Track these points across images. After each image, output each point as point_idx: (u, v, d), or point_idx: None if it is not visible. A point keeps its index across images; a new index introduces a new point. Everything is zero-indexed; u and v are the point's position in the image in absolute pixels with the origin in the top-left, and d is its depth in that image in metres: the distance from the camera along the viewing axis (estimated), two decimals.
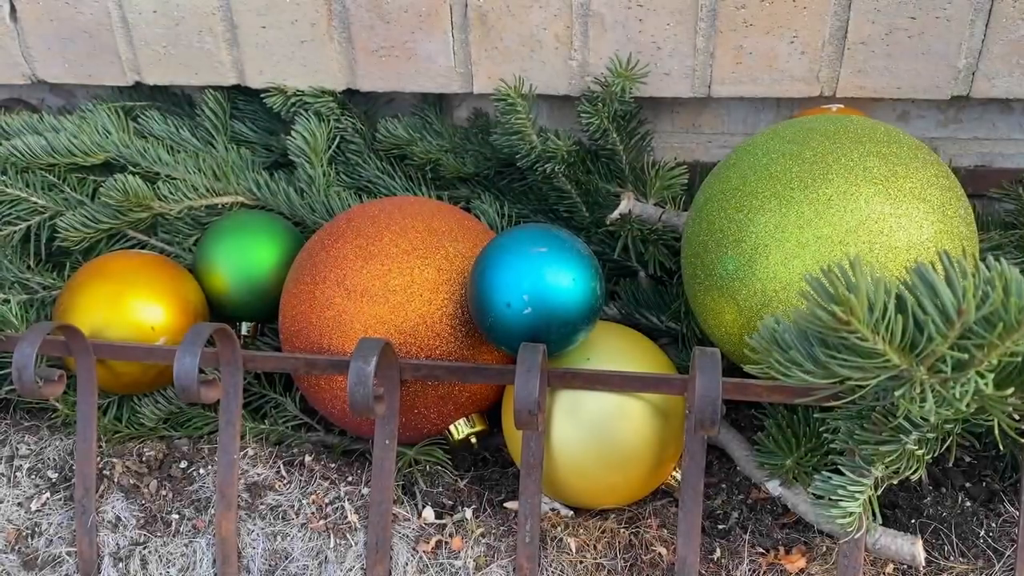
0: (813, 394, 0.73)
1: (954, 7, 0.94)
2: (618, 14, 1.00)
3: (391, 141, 1.10)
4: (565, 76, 1.05)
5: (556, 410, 0.80)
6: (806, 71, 1.01)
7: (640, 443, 0.80)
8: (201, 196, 1.05)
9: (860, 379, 0.52)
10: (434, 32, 1.04)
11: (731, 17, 0.98)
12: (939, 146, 1.09)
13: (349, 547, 0.81)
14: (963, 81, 0.99)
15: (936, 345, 0.49)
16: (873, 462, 0.67)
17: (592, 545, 0.80)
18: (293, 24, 1.06)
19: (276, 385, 0.98)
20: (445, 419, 0.86)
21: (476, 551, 0.80)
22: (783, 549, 0.79)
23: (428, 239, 0.83)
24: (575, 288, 0.74)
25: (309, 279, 0.83)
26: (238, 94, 1.16)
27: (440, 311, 0.81)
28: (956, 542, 0.78)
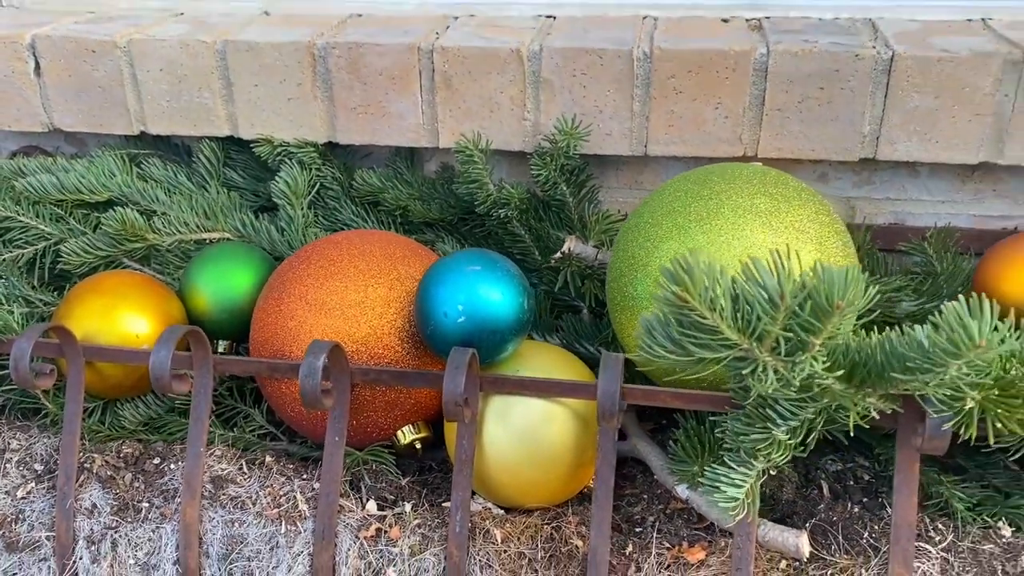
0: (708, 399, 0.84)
1: (857, 80, 1.08)
2: (565, 81, 1.14)
3: (366, 189, 1.23)
4: (520, 134, 1.18)
5: (488, 414, 0.90)
6: (730, 133, 1.14)
7: (563, 445, 0.89)
8: (192, 231, 1.18)
9: (711, 357, 0.63)
10: (405, 93, 1.18)
11: (663, 85, 1.12)
12: (856, 205, 1.21)
13: (298, 533, 0.90)
14: (869, 145, 1.11)
15: (766, 325, 0.60)
16: (753, 454, 0.77)
17: (516, 537, 0.89)
18: (282, 83, 1.21)
19: (247, 398, 1.08)
20: (392, 425, 0.96)
21: (412, 540, 0.89)
22: (687, 544, 0.88)
23: (383, 262, 0.94)
24: (504, 302, 0.85)
25: (276, 295, 0.95)
26: (231, 144, 1.30)
27: (390, 324, 0.92)
28: (842, 542, 0.87)
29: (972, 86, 1.06)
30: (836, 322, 0.61)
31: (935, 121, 1.08)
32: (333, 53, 1.17)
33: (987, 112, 1.07)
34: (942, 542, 0.84)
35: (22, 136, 1.39)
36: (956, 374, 0.65)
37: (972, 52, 1.05)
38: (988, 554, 0.83)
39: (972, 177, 1.17)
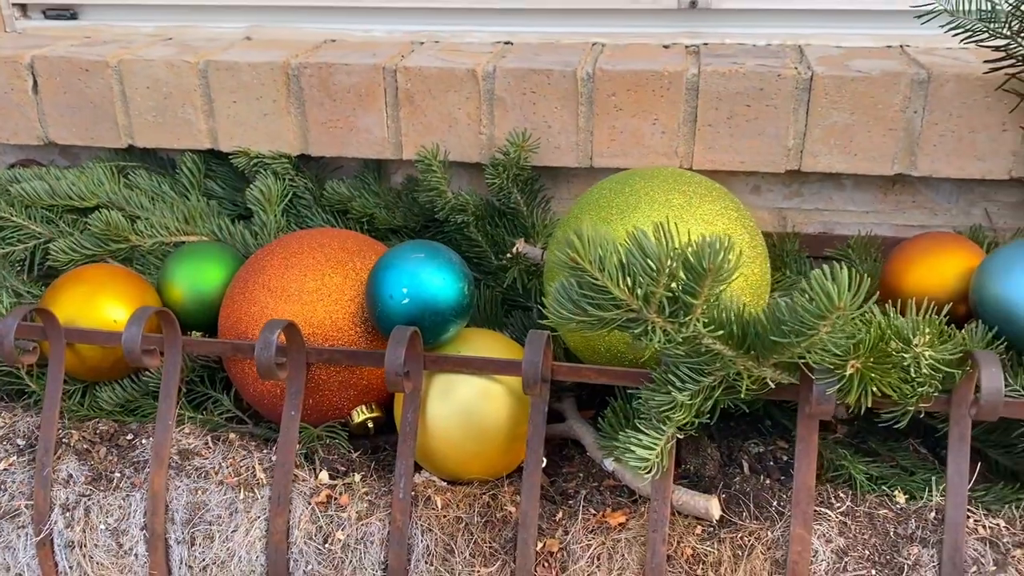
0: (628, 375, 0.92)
1: (780, 98, 1.18)
2: (517, 98, 1.25)
3: (335, 198, 1.33)
4: (476, 147, 1.29)
5: (432, 393, 0.98)
6: (667, 147, 1.24)
7: (500, 421, 0.98)
8: (171, 234, 1.28)
9: (607, 317, 0.72)
10: (371, 109, 1.29)
11: (604, 103, 1.22)
12: (787, 215, 1.31)
13: (256, 500, 0.98)
14: (794, 157, 1.21)
15: (649, 286, 0.69)
16: (661, 419, 0.86)
17: (455, 504, 0.97)
18: (258, 100, 1.31)
19: (216, 386, 1.16)
20: (347, 405, 1.04)
21: (360, 506, 0.97)
22: (610, 509, 0.95)
23: (340, 254, 1.04)
24: (445, 286, 0.95)
25: (242, 284, 1.04)
26: (212, 157, 1.40)
27: (344, 310, 1.01)
28: (753, 509, 0.95)
29: (884, 103, 1.16)
30: (711, 284, 0.70)
31: (852, 135, 1.18)
32: (305, 72, 1.28)
33: (899, 127, 1.17)
34: (841, 507, 0.92)
35: (19, 149, 1.49)
36: (825, 336, 0.74)
37: (883, 72, 1.15)
38: (882, 518, 0.91)
39: (893, 189, 1.27)
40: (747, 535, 0.92)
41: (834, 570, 0.89)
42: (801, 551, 0.89)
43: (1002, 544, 0.87)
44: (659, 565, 0.91)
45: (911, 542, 0.89)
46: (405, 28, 1.42)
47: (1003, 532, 0.88)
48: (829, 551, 0.90)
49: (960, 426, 0.88)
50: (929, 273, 1.01)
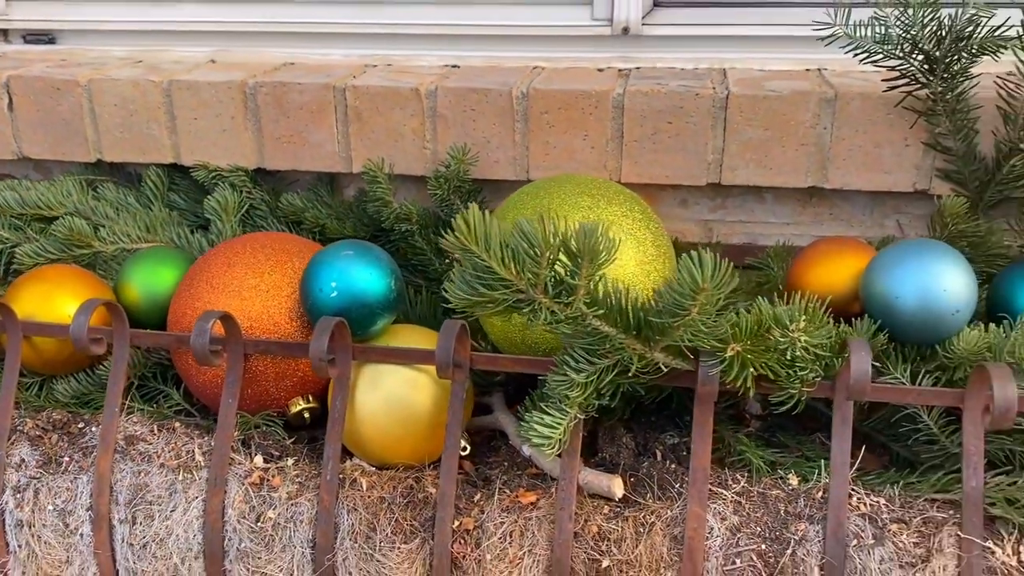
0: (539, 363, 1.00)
1: (699, 115, 1.27)
2: (458, 115, 1.33)
3: (290, 209, 1.41)
4: (421, 161, 1.37)
5: (360, 381, 1.05)
6: (597, 161, 1.32)
7: (426, 409, 1.04)
8: (133, 241, 1.35)
9: (498, 296, 0.79)
10: (323, 125, 1.37)
11: (538, 119, 1.31)
12: (713, 227, 1.39)
13: (194, 481, 1.04)
14: (713, 172, 1.30)
15: (532, 268, 0.77)
16: (563, 399, 0.93)
17: (380, 486, 1.03)
18: (217, 117, 1.40)
19: (168, 381, 1.23)
20: (284, 395, 1.11)
21: (290, 488, 1.04)
22: (524, 490, 1.02)
23: (279, 255, 1.11)
24: (372, 280, 1.02)
25: (188, 281, 1.12)
26: (175, 171, 1.48)
27: (281, 306, 1.09)
28: (656, 491, 1.01)
29: (795, 120, 1.24)
30: (589, 267, 0.77)
31: (767, 150, 1.27)
32: (261, 91, 1.37)
33: (810, 142, 1.25)
34: (737, 488, 0.99)
35: None
36: (697, 317, 0.82)
37: (793, 91, 1.24)
38: (774, 498, 0.98)
39: (811, 202, 1.35)
40: (649, 514, 0.98)
41: (728, 545, 0.95)
42: (697, 527, 0.95)
43: (880, 520, 0.94)
44: (566, 541, 0.97)
45: (799, 519, 0.96)
46: (360, 52, 1.52)
47: (883, 509, 0.95)
48: (724, 528, 0.96)
49: (842, 410, 0.95)
50: (826, 273, 1.09)
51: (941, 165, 1.23)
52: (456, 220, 0.75)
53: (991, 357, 0.95)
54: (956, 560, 0.91)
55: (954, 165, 1.22)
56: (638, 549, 0.97)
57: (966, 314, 0.97)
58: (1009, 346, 0.93)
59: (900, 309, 0.98)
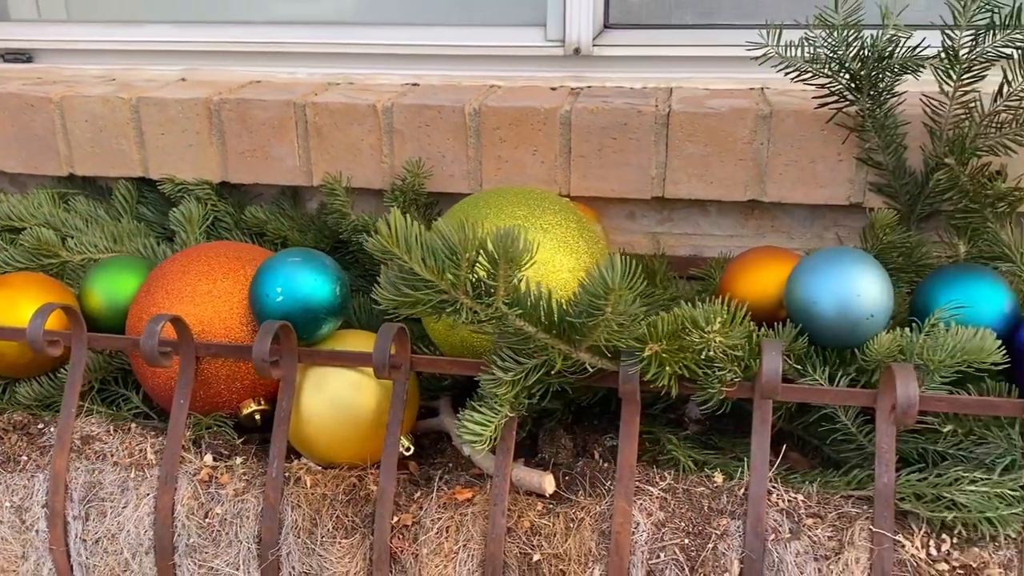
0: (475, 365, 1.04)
1: (642, 131, 1.32)
2: (414, 131, 1.39)
3: (253, 221, 1.46)
4: (379, 175, 1.42)
5: (306, 383, 1.10)
6: (547, 176, 1.37)
7: (370, 410, 1.09)
8: (99, 252, 1.40)
9: (421, 297, 0.84)
10: (284, 140, 1.43)
11: (490, 135, 1.36)
12: (661, 239, 1.44)
13: (145, 479, 1.09)
14: (657, 185, 1.35)
15: (452, 270, 0.81)
16: (494, 398, 0.97)
17: (323, 483, 1.07)
18: (184, 132, 1.45)
19: (129, 386, 1.28)
20: (236, 398, 1.15)
21: (238, 485, 1.08)
22: (461, 487, 1.06)
23: (233, 263, 1.16)
24: (317, 286, 1.07)
25: (146, 287, 1.16)
26: (144, 185, 1.54)
27: (232, 311, 1.13)
28: (588, 487, 1.05)
29: (733, 136, 1.30)
30: (508, 269, 0.82)
31: (708, 165, 1.32)
32: (225, 107, 1.43)
33: (748, 157, 1.31)
34: (663, 485, 1.03)
35: None
36: (611, 317, 0.86)
37: (731, 109, 1.29)
38: (699, 494, 1.02)
39: (753, 215, 1.40)
40: (579, 510, 1.02)
41: (653, 539, 0.99)
42: (623, 523, 0.99)
43: (797, 515, 0.98)
44: (499, 535, 1.01)
45: (722, 515, 1.00)
46: (324, 71, 1.57)
47: (800, 505, 0.99)
48: (649, 523, 1.00)
49: (762, 410, 0.99)
50: (755, 281, 1.13)
51: (873, 179, 1.28)
52: (379, 224, 0.80)
53: (904, 359, 0.99)
54: (868, 553, 0.95)
55: (885, 179, 1.27)
56: (567, 543, 1.00)
57: (881, 319, 1.01)
58: (918, 348, 0.98)
59: (818, 314, 1.03)
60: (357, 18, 1.59)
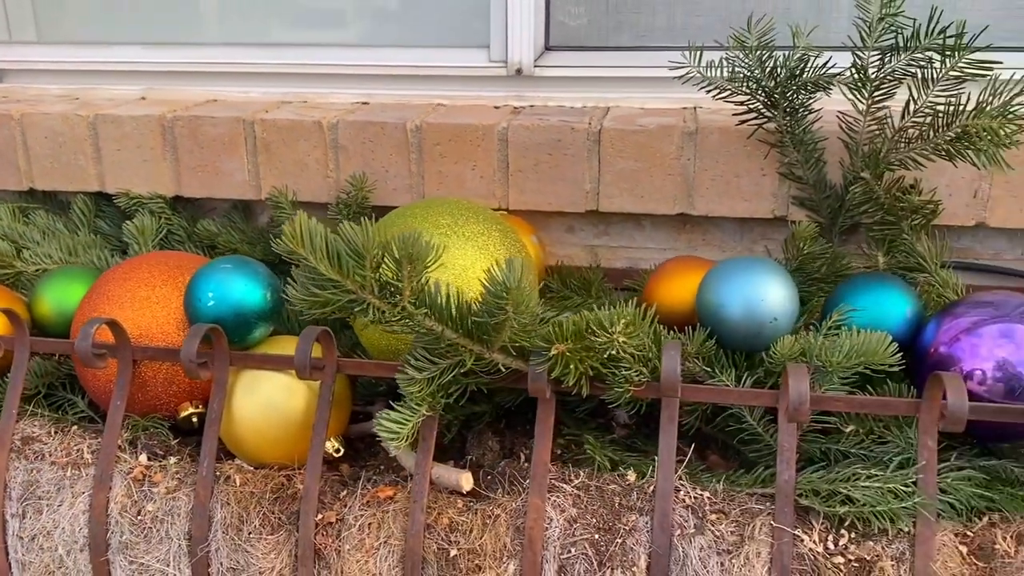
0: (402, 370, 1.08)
1: (575, 147, 1.37)
2: (358, 146, 1.44)
3: (205, 234, 1.51)
4: (325, 189, 1.47)
5: (238, 386, 1.14)
6: (486, 190, 1.43)
7: (299, 412, 1.13)
8: (54, 263, 1.45)
9: (330, 297, 0.88)
10: (234, 155, 1.48)
11: (431, 151, 1.42)
12: (598, 252, 1.49)
13: (80, 477, 1.12)
14: (591, 200, 1.40)
15: (356, 270, 0.86)
16: (411, 398, 1.01)
17: (252, 482, 1.11)
18: (138, 148, 1.51)
19: (76, 391, 1.32)
20: (173, 400, 1.19)
21: (170, 483, 1.11)
22: (383, 486, 1.10)
23: (173, 270, 1.21)
24: (248, 291, 1.11)
25: (90, 294, 1.21)
26: (101, 199, 1.58)
27: (170, 316, 1.17)
28: (507, 486, 1.09)
29: (662, 152, 1.35)
30: (411, 269, 0.87)
31: (639, 180, 1.37)
32: (178, 124, 1.48)
33: (676, 172, 1.36)
34: (577, 482, 1.06)
35: None
36: (513, 316, 0.91)
37: (659, 126, 1.35)
38: (611, 492, 1.05)
39: (685, 229, 1.45)
40: (496, 507, 1.06)
41: (565, 535, 1.03)
42: (536, 518, 1.03)
43: (702, 511, 1.02)
44: (418, 532, 1.05)
45: (631, 511, 1.03)
46: (278, 90, 1.63)
47: (705, 501, 1.03)
48: (562, 519, 1.04)
49: (669, 409, 1.03)
50: (674, 288, 1.18)
51: (796, 193, 1.33)
52: (284, 226, 0.84)
53: (805, 360, 1.04)
54: (768, 547, 0.99)
55: (807, 193, 1.32)
56: (483, 539, 1.04)
57: (784, 323, 1.06)
58: (817, 350, 1.02)
59: (726, 317, 1.07)
60: (311, 39, 1.65)
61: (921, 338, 1.09)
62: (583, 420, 1.27)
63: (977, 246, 1.37)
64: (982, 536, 0.98)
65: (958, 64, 1.12)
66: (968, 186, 1.29)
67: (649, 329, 1.00)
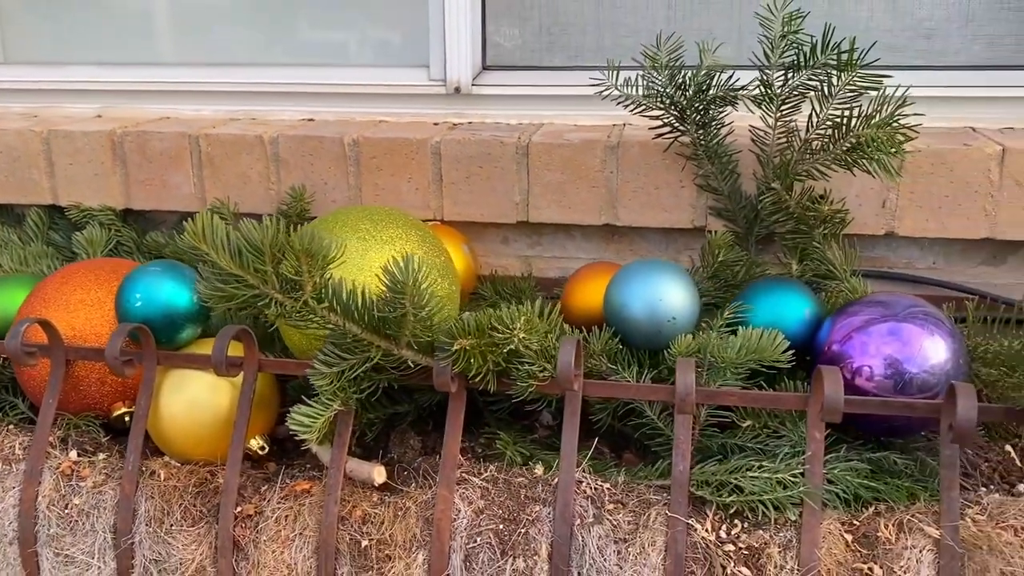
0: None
1: (505, 160, 1.43)
2: (299, 160, 1.50)
3: (153, 245, 1.56)
4: (267, 201, 1.53)
5: (166, 384, 1.18)
6: (421, 201, 1.48)
7: (224, 410, 1.17)
8: (4, 272, 1.50)
9: (235, 292, 0.93)
10: (180, 169, 1.54)
11: (368, 164, 1.48)
12: (532, 262, 1.54)
13: (11, 472, 1.16)
14: (522, 211, 1.46)
15: (257, 265, 0.91)
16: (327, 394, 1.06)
17: (176, 476, 1.15)
18: (90, 162, 1.56)
19: (17, 393, 1.36)
20: (107, 400, 1.24)
21: (97, 478, 1.16)
22: (301, 480, 1.14)
23: (109, 275, 1.26)
24: (176, 293, 1.16)
25: (30, 298, 1.26)
26: (55, 212, 1.64)
27: (104, 317, 1.22)
28: (420, 479, 1.13)
29: (586, 165, 1.41)
30: (311, 265, 0.92)
31: (565, 192, 1.43)
32: (127, 139, 1.54)
33: (600, 184, 1.41)
34: (486, 475, 1.11)
35: None
36: (411, 310, 0.96)
37: (583, 140, 1.41)
38: (518, 484, 1.10)
39: (613, 239, 1.50)
40: (407, 499, 1.10)
41: (472, 525, 1.07)
42: (444, 509, 1.07)
43: (601, 501, 1.06)
44: (331, 523, 1.09)
45: (536, 502, 1.07)
46: (228, 108, 1.69)
47: (605, 492, 1.07)
48: (470, 510, 1.08)
49: (571, 404, 1.08)
50: (588, 292, 1.23)
51: (713, 204, 1.39)
52: (187, 224, 0.89)
53: (701, 357, 1.09)
54: (663, 535, 1.03)
55: (723, 204, 1.38)
56: (393, 530, 1.08)
57: (683, 322, 1.11)
58: (711, 347, 1.07)
59: (628, 317, 1.12)
60: (260, 59, 1.71)
61: (817, 337, 1.14)
62: (508, 422, 1.31)
63: (891, 255, 1.42)
64: (867, 525, 1.02)
65: (853, 79, 1.18)
66: (877, 196, 1.34)
67: (552, 326, 1.04)
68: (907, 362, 1.06)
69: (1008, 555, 0.96)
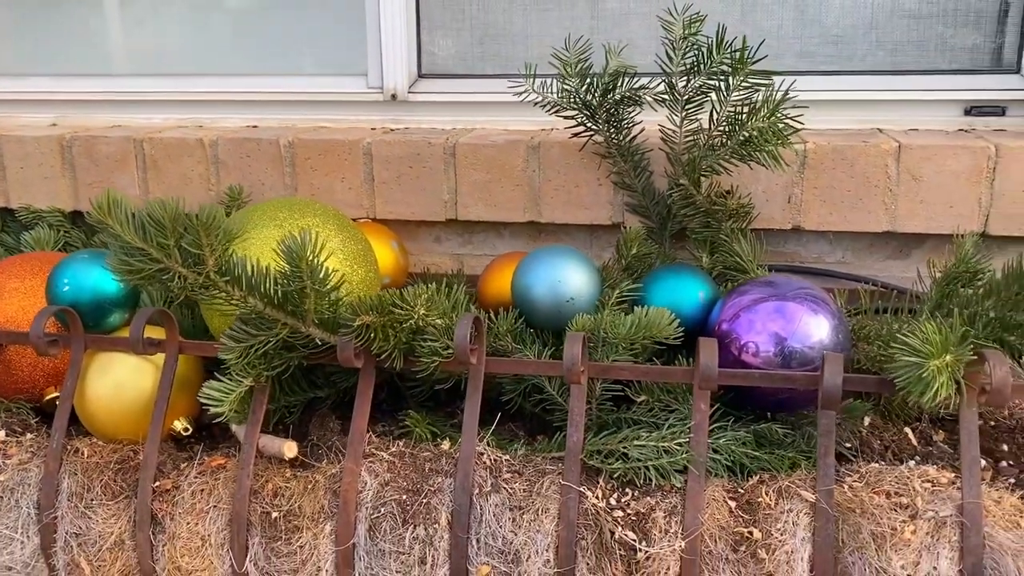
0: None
1: (433, 161, 1.50)
2: (237, 161, 1.56)
3: (100, 245, 1.62)
4: (207, 200, 1.59)
5: (92, 367, 1.23)
6: (355, 200, 1.55)
7: (148, 391, 1.22)
8: None
9: (143, 267, 0.99)
10: (126, 171, 1.60)
11: (303, 164, 1.54)
12: (464, 260, 1.60)
13: None
14: (450, 208, 1.52)
15: (161, 239, 0.97)
16: (239, 370, 1.11)
17: (99, 454, 1.20)
18: (40, 166, 1.63)
19: None
20: (38, 384, 1.29)
21: (24, 456, 1.20)
22: (216, 455, 1.19)
23: (45, 265, 1.32)
24: (103, 279, 1.22)
25: None
26: (7, 214, 1.70)
27: (38, 305, 1.28)
28: (332, 455, 1.18)
29: (510, 165, 1.48)
30: (211, 239, 0.98)
31: (491, 190, 1.49)
32: (75, 143, 1.61)
33: (524, 183, 1.48)
34: (394, 450, 1.16)
35: None
36: (308, 283, 1.01)
37: (506, 141, 1.48)
38: (424, 458, 1.14)
39: (540, 236, 1.56)
40: (317, 473, 1.15)
41: (377, 497, 1.12)
42: (351, 482, 1.12)
43: (499, 472, 1.11)
44: (244, 496, 1.13)
45: (438, 474, 1.12)
46: (177, 116, 1.76)
47: (503, 463, 1.12)
48: (376, 483, 1.13)
49: (474, 379, 1.13)
50: (500, 278, 1.29)
51: (628, 200, 1.45)
52: (93, 201, 0.96)
53: (594, 334, 1.14)
54: (556, 503, 1.07)
55: (638, 200, 1.44)
56: (302, 501, 1.13)
57: (581, 302, 1.17)
58: (605, 325, 1.13)
59: (532, 298, 1.18)
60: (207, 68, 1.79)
61: (710, 316, 1.19)
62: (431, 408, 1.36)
63: (802, 250, 1.48)
64: (751, 492, 1.07)
65: (746, 78, 1.25)
66: (783, 191, 1.41)
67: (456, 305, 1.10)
68: (790, 338, 1.11)
69: (878, 516, 1.00)
